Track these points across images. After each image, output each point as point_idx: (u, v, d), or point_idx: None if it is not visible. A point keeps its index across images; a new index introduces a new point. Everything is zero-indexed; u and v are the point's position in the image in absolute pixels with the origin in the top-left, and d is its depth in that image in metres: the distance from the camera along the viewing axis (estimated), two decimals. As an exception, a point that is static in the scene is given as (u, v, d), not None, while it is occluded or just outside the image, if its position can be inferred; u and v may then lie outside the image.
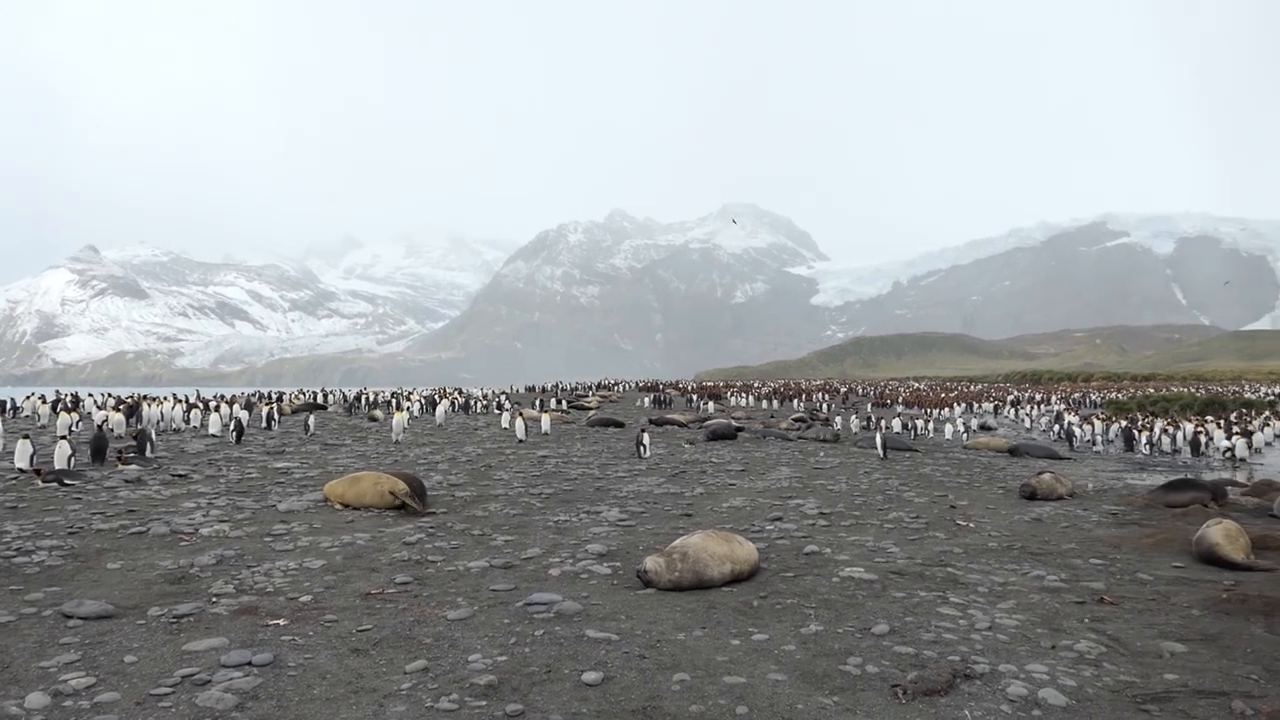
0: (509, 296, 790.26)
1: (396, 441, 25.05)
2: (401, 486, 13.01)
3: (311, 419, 28.05)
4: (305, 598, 7.89)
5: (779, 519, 12.81)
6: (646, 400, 54.05)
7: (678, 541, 8.86)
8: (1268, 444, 31.35)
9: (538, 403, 45.91)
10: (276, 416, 29.63)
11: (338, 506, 13.01)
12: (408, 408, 39.32)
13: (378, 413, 36.07)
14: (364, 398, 48.63)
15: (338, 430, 29.19)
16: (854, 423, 36.51)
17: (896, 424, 35.51)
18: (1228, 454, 27.15)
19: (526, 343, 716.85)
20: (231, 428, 24.96)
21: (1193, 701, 5.59)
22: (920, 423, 36.68)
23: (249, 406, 35.59)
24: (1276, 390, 75.98)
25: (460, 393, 59.87)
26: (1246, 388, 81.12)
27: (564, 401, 50.52)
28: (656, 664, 6.17)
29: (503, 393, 61.71)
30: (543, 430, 29.41)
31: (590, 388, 75.83)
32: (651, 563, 8.41)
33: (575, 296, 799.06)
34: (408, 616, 7.34)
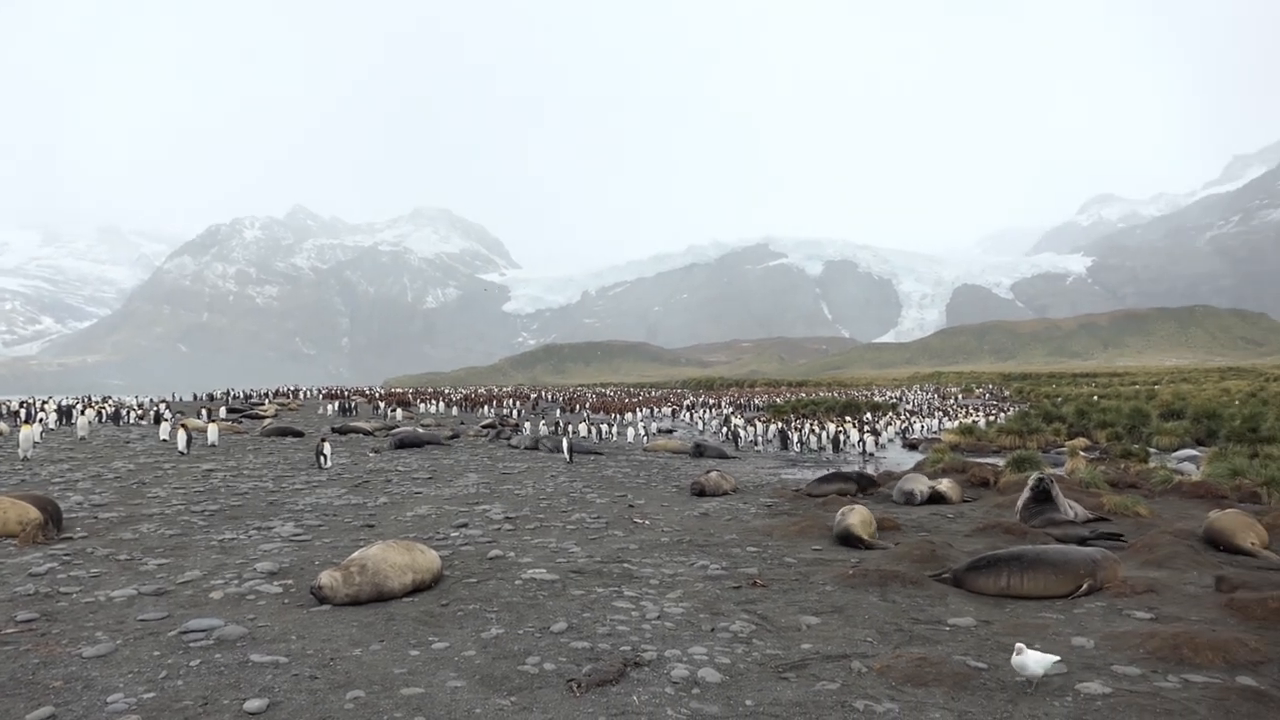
0: (172, 295, 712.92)
1: (25, 459, 21.57)
2: (33, 513, 11.24)
3: (-95, 434, 23.38)
4: (-113, 649, 6.57)
5: (465, 525, 12.77)
6: (331, 408, 51.25)
7: (356, 554, 8.52)
8: (890, 440, 36.58)
9: (204, 412, 41.86)
10: None
11: (-62, 537, 10.95)
12: (40, 419, 34.08)
13: (1, 425, 30.84)
14: (-20, 408, 41.33)
15: (-58, 447, 24.57)
16: (543, 428, 37.27)
17: (583, 429, 36.78)
18: (860, 449, 31.32)
19: (194, 346, 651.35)
20: None
21: (822, 666, 6.40)
22: (605, 427, 38.28)
23: None
24: (897, 394, 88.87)
25: (109, 402, 52.97)
26: (876, 392, 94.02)
27: (231, 409, 46.49)
28: (329, 683, 5.89)
29: (163, 401, 55.51)
30: (209, 442, 26.87)
31: (267, 395, 70.43)
32: (327, 578, 8.02)
33: (251, 297, 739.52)
34: (31, 658, 6.37)
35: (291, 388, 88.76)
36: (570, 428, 36.89)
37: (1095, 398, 56.58)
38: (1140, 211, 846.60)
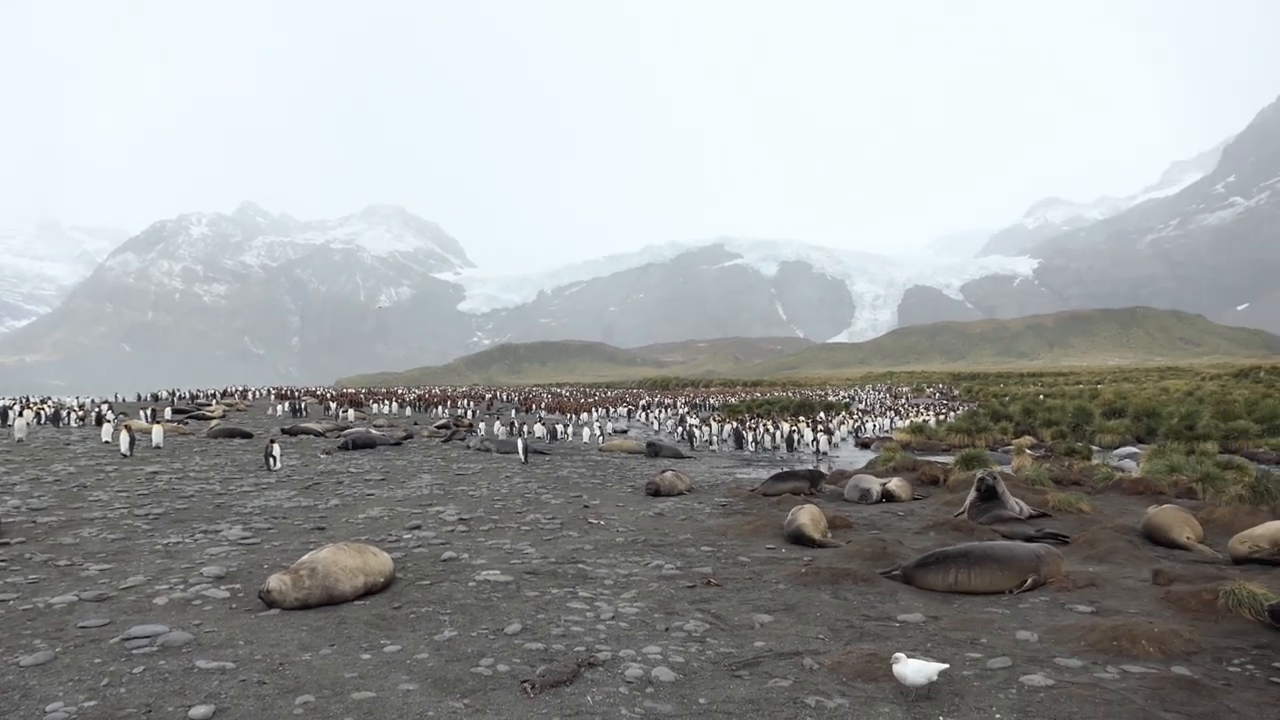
0: (115, 293, 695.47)
1: (-44, 462, 20.89)
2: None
3: None
4: None
5: (418, 527, 12.65)
6: (281, 408, 50.36)
7: (306, 557, 8.40)
8: (843, 439, 37.03)
9: (149, 413, 40.89)
10: None
11: None
12: (-26, 421, 33.04)
13: (-70, 428, 29.86)
14: (-89, 410, 39.89)
15: None
16: (498, 429, 37.07)
17: (539, 429, 36.65)
18: (814, 448, 31.65)
19: (137, 345, 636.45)
20: None
21: (775, 663, 6.47)
22: (561, 427, 38.19)
23: None
24: (850, 393, 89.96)
25: (48, 402, 51.48)
26: (829, 392, 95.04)
27: (177, 410, 45.47)
28: (278, 689, 5.80)
29: (105, 402, 54.10)
30: (154, 444, 26.25)
31: (214, 396, 69.00)
32: (276, 581, 7.89)
33: (198, 295, 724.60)
34: (-37, 669, 6.18)
35: (240, 388, 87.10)
36: (526, 428, 36.74)
37: (1041, 397, 57.86)
38: (1084, 215, 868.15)
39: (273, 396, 70.96)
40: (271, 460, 20.96)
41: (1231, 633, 7.02)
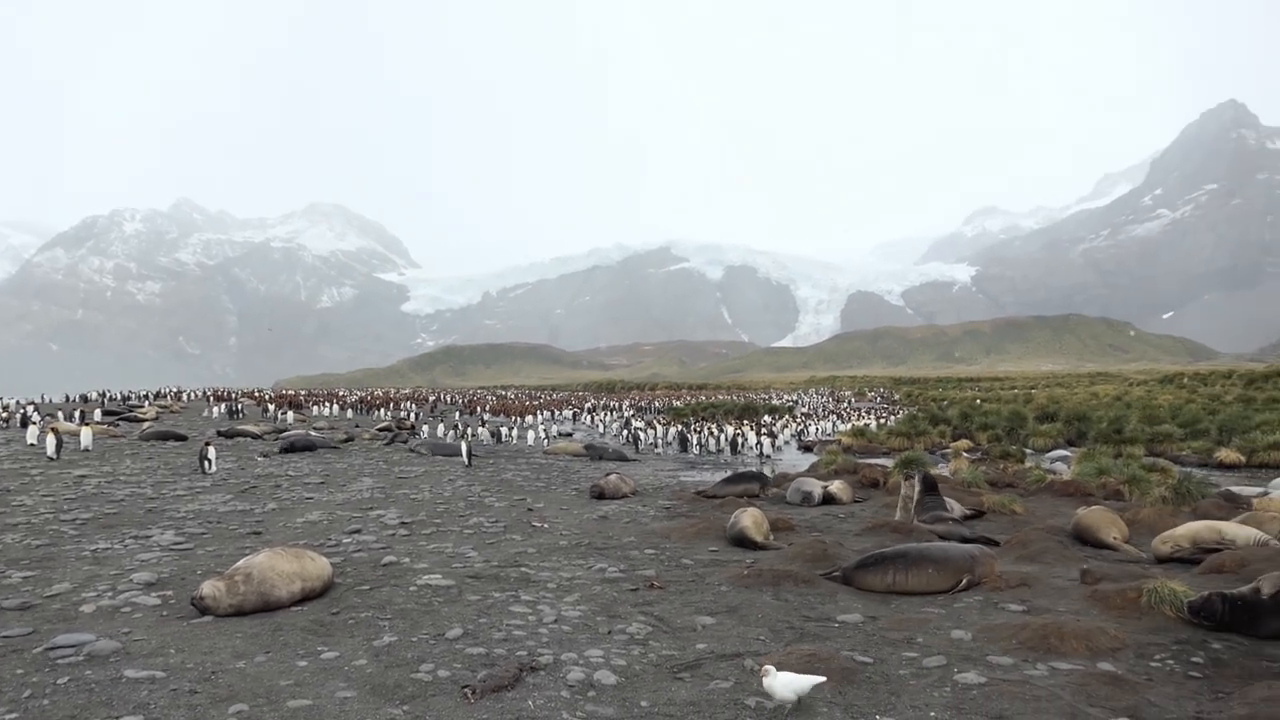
0: (43, 290, 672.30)
1: None
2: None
3: None
4: None
5: (358, 531, 12.46)
6: (217, 410, 49.09)
7: (241, 562, 8.22)
8: (786, 443, 37.43)
9: (78, 414, 39.57)
10: None
11: None
12: (-112, 422, 31.61)
13: None
14: None
15: None
16: (441, 431, 36.68)
17: (483, 431, 36.36)
18: (758, 451, 31.93)
19: (66, 345, 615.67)
20: None
21: (716, 665, 6.52)
22: (505, 430, 37.93)
23: None
24: (794, 397, 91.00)
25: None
26: (773, 395, 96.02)
27: (108, 412, 44.05)
28: (210, 698, 5.67)
29: (30, 403, 52.18)
30: (82, 446, 25.41)
31: (147, 397, 67.02)
32: (209, 588, 7.71)
33: (131, 293, 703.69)
34: (-125, 682, 5.92)
35: (174, 389, 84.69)
36: (469, 431, 36.42)
37: (978, 401, 59.20)
38: (1020, 224, 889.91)
39: (209, 398, 69.16)
40: (206, 463, 20.46)
41: (1154, 629, 7.28)
